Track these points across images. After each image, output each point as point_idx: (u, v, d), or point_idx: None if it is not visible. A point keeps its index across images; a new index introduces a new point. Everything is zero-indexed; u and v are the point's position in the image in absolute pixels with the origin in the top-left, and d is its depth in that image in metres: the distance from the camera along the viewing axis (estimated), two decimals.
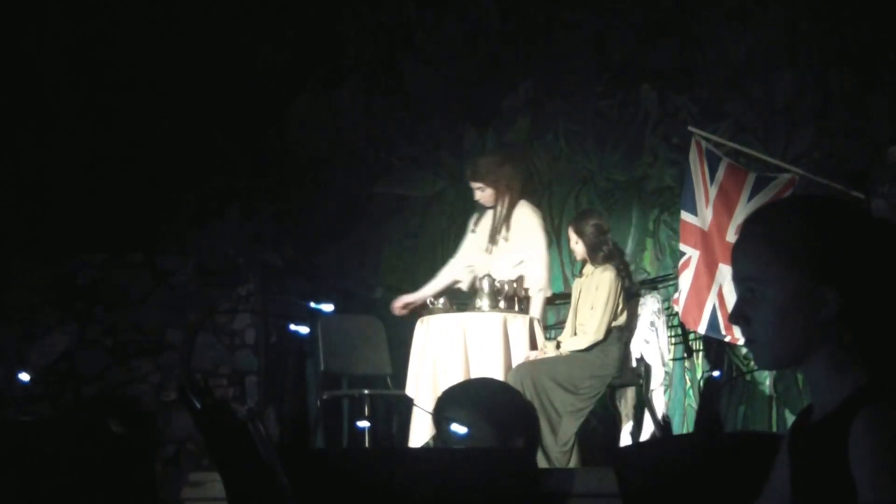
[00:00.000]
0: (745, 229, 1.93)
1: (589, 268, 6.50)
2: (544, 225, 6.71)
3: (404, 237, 7.75)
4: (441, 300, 6.62)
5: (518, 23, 8.11)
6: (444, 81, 8.13)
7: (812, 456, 1.86)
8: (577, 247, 6.50)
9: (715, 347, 7.20)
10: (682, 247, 6.69)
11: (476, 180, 6.56)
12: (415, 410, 6.15)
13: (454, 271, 6.71)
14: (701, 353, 7.40)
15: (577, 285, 6.60)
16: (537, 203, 7.97)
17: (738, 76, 7.73)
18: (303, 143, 8.11)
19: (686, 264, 6.63)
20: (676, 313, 6.79)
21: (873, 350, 1.85)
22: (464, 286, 6.69)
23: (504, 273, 6.48)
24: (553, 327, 7.39)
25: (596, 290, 6.34)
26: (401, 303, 6.65)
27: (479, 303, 6.60)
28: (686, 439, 5.54)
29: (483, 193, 6.57)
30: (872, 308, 1.84)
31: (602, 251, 6.42)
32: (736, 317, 1.92)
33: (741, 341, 6.49)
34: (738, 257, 1.92)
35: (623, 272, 6.49)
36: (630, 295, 6.63)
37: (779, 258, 1.86)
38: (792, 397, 7.15)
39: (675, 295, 6.72)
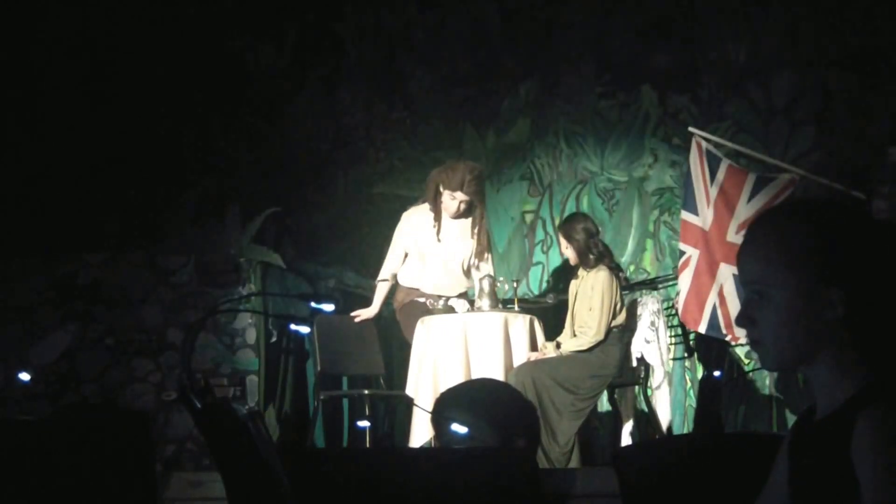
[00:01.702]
0: (751, 232, 1.93)
1: (583, 270, 6.51)
2: None
3: None
4: (442, 301, 6.63)
5: (518, 23, 8.11)
6: (445, 82, 8.13)
7: (814, 456, 1.87)
8: (569, 252, 6.52)
9: (716, 347, 7.20)
10: (682, 246, 6.69)
11: (468, 193, 6.49)
12: (415, 410, 6.15)
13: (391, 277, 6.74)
14: (701, 353, 7.39)
15: (572, 287, 6.62)
16: (537, 204, 8.00)
17: (739, 77, 7.73)
18: (303, 143, 8.11)
19: (686, 264, 6.63)
20: (676, 313, 6.79)
21: (877, 350, 1.85)
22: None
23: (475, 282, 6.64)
24: (552, 328, 7.41)
25: (592, 291, 6.36)
26: (354, 315, 6.79)
27: (479, 303, 6.61)
28: (686, 439, 5.54)
29: (465, 207, 6.52)
30: (877, 309, 1.85)
31: (592, 254, 6.43)
32: (742, 319, 1.92)
33: (742, 340, 6.49)
34: (744, 260, 1.93)
35: (616, 270, 6.51)
36: (627, 293, 6.65)
37: (785, 260, 1.87)
38: (792, 397, 7.15)
39: (677, 296, 6.72)
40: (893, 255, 1.87)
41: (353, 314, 6.76)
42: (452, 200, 6.48)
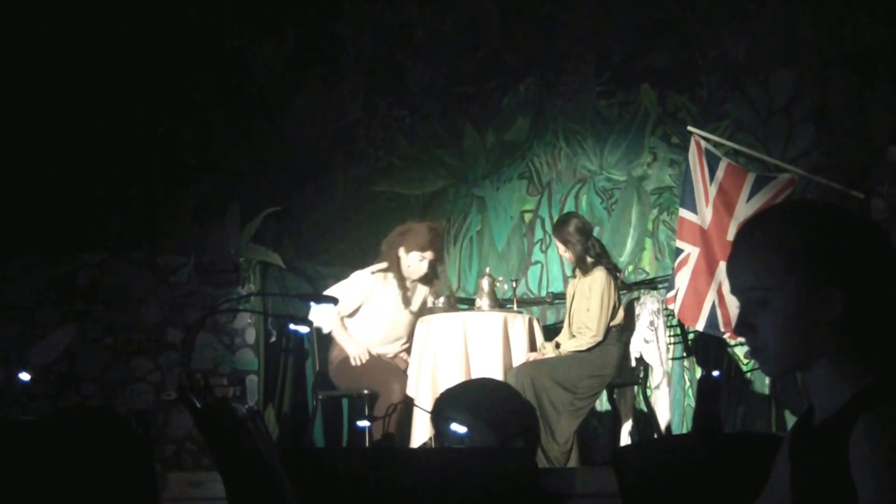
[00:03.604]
0: (742, 239, 1.92)
1: (579, 271, 6.51)
2: None
3: None
4: (441, 300, 6.64)
5: (518, 22, 8.11)
6: (444, 80, 8.13)
7: (813, 458, 1.87)
8: (567, 255, 6.51)
9: (714, 347, 7.20)
10: (680, 243, 6.69)
11: (435, 251, 6.46)
12: (415, 410, 6.16)
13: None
14: (699, 353, 7.39)
15: (570, 288, 6.62)
16: (536, 203, 8.00)
17: (738, 75, 7.73)
18: (302, 142, 8.11)
19: (684, 262, 6.62)
20: (669, 310, 6.79)
21: (876, 352, 1.85)
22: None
23: None
24: (552, 327, 7.41)
25: (590, 291, 6.35)
26: (353, 360, 6.57)
27: (479, 302, 6.61)
28: (685, 439, 5.54)
29: (426, 269, 6.47)
30: (874, 309, 1.85)
31: (590, 256, 6.42)
32: (742, 327, 1.91)
33: (740, 339, 6.49)
34: (738, 267, 1.91)
35: (614, 270, 6.50)
36: (626, 293, 6.64)
37: (781, 263, 1.86)
38: (791, 397, 7.16)
39: (670, 293, 6.70)
40: (888, 254, 1.87)
41: (353, 361, 6.45)
42: (421, 262, 6.43)
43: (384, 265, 6.51)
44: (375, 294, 6.48)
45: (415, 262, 6.44)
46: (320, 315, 6.39)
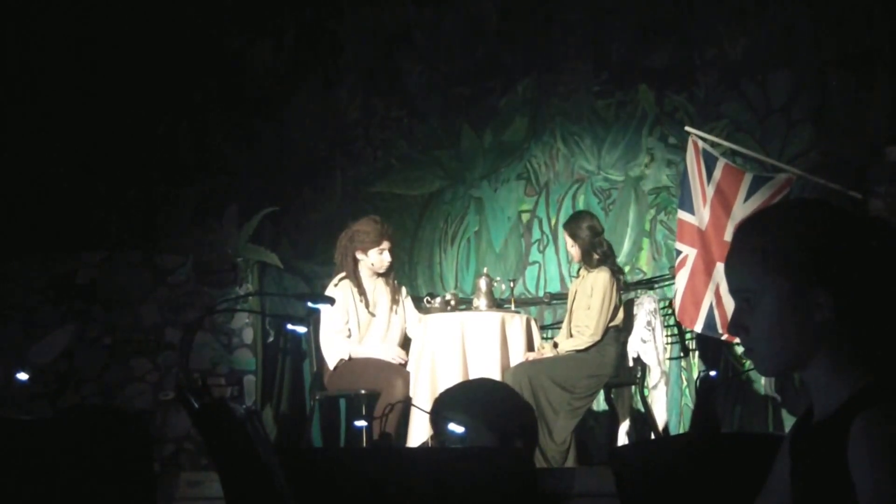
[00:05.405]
0: (736, 239, 1.93)
1: (584, 269, 6.53)
2: None
3: (403, 237, 7.77)
4: (438, 300, 6.64)
5: (516, 23, 8.12)
6: (442, 81, 8.14)
7: (812, 457, 1.87)
8: (573, 250, 6.53)
9: (712, 347, 7.21)
10: (679, 245, 6.70)
11: (391, 239, 6.49)
12: (413, 410, 6.17)
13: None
14: (697, 353, 7.41)
15: (572, 287, 6.64)
16: (534, 203, 8.01)
17: (736, 76, 7.74)
18: (301, 143, 8.12)
19: (682, 263, 6.64)
20: (673, 313, 6.81)
21: (871, 351, 1.86)
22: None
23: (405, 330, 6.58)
24: (550, 327, 7.42)
25: (591, 290, 6.37)
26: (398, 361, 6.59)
27: (476, 302, 6.63)
28: (683, 439, 5.55)
29: (390, 257, 6.49)
30: (865, 308, 1.85)
31: (597, 254, 6.44)
32: (734, 327, 1.92)
33: (737, 339, 6.50)
34: (732, 268, 1.93)
35: (618, 272, 6.52)
36: (626, 294, 6.65)
37: (771, 265, 1.87)
38: (789, 397, 7.17)
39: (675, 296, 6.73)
40: (882, 252, 1.87)
41: (398, 362, 6.48)
42: (382, 254, 6.46)
43: (342, 274, 6.53)
44: (347, 303, 6.46)
45: (376, 258, 6.47)
46: (333, 353, 6.41)
